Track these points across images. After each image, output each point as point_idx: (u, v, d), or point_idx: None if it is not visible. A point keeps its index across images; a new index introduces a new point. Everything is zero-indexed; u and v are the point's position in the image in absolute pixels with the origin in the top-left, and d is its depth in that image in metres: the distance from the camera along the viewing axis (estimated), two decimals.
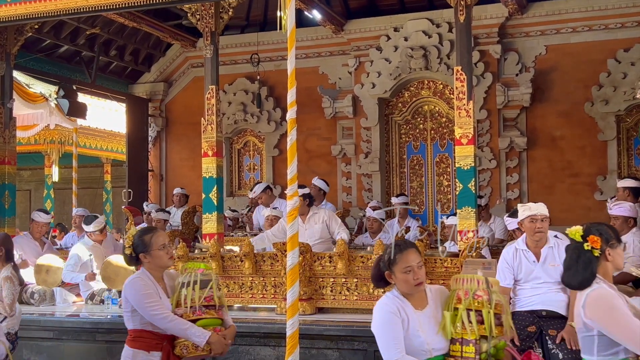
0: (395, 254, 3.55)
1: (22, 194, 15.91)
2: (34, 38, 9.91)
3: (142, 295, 3.94)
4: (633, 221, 6.12)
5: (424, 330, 3.44)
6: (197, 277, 4.06)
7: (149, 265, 4.07)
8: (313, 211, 7.41)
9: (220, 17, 7.77)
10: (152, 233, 4.11)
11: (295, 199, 4.87)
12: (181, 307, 4.00)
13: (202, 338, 3.93)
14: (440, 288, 3.71)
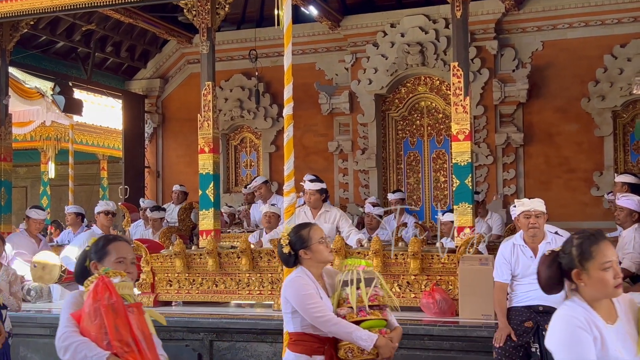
0: (590, 245, 2.74)
1: (18, 190, 15.89)
2: (29, 34, 9.88)
3: (304, 295, 3.70)
4: (637, 215, 6.13)
5: (620, 352, 2.64)
6: (360, 274, 3.77)
7: (309, 262, 3.82)
8: (325, 208, 7.33)
9: (217, 13, 7.75)
10: (309, 227, 3.90)
11: (293, 195, 4.88)
12: (344, 307, 3.74)
13: (369, 342, 3.63)
14: (629, 297, 2.87)
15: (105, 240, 3.37)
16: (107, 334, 2.95)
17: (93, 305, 2.99)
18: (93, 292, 3.00)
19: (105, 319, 2.96)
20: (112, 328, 2.95)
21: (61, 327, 3.06)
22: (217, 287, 6.94)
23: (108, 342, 2.94)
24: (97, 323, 2.97)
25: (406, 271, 6.30)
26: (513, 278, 5.17)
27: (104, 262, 3.26)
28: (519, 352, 4.95)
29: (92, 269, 3.29)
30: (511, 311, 5.10)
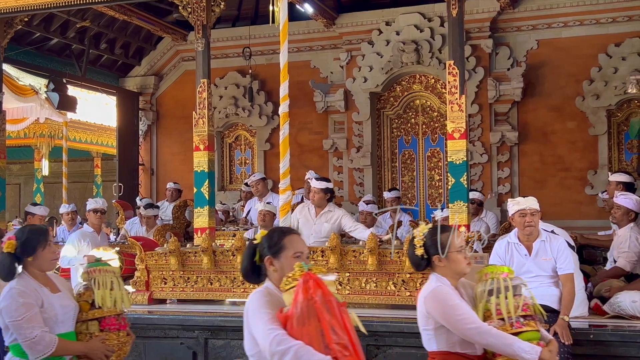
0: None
1: (11, 188, 15.81)
2: (23, 31, 9.84)
3: (451, 306, 3.32)
4: (634, 215, 6.14)
5: None
6: (507, 282, 3.44)
7: (445, 270, 3.47)
8: (329, 208, 7.29)
9: (212, 10, 7.73)
10: (448, 232, 3.49)
11: (288, 193, 4.87)
12: (492, 320, 3.37)
13: (533, 354, 3.24)
14: None
15: (280, 234, 3.10)
16: (324, 336, 2.67)
17: (305, 305, 2.70)
18: (303, 290, 2.71)
19: (321, 320, 2.68)
20: (328, 329, 2.66)
21: (266, 329, 2.77)
22: (212, 285, 6.92)
23: (325, 345, 2.66)
24: (311, 324, 2.68)
25: (401, 269, 6.29)
26: None
27: (280, 257, 3.01)
28: None
29: (266, 264, 3.03)
30: None
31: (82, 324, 3.83)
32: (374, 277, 6.39)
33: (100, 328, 3.84)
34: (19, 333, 3.60)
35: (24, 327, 3.57)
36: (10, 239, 3.74)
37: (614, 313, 5.57)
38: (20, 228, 3.94)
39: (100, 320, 3.84)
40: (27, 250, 3.71)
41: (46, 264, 3.78)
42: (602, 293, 5.81)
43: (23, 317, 3.58)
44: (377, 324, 5.81)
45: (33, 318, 3.59)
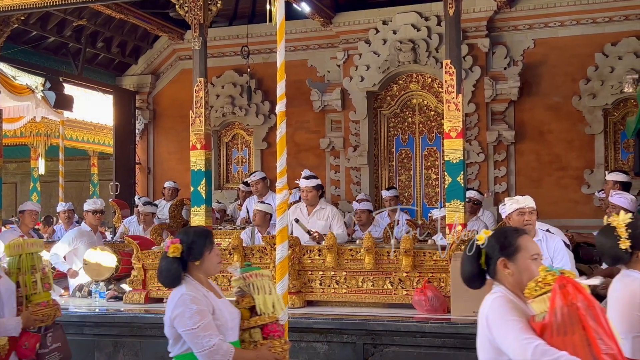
0: None
1: (7, 187, 15.80)
2: (20, 29, 9.81)
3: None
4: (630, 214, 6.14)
5: None
6: None
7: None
8: (321, 205, 7.35)
9: (209, 9, 7.72)
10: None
11: (285, 192, 4.87)
12: None
13: None
14: None
15: (514, 234, 2.87)
16: (591, 346, 2.44)
17: (566, 312, 2.47)
18: (561, 295, 2.49)
19: (586, 328, 2.46)
20: (595, 339, 2.44)
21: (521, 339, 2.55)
22: None
23: (594, 356, 2.45)
24: (575, 333, 2.45)
25: (398, 268, 6.30)
26: None
27: (516, 259, 2.78)
28: None
29: (499, 267, 2.80)
30: None
31: (245, 332, 3.66)
32: (371, 276, 6.40)
33: (263, 335, 3.68)
34: (195, 342, 3.41)
35: (200, 336, 3.39)
36: (175, 242, 3.55)
37: None
38: (184, 230, 3.73)
39: (262, 327, 3.68)
40: (193, 253, 3.55)
41: (213, 267, 3.64)
42: (598, 291, 5.82)
43: (198, 325, 3.39)
44: (374, 322, 5.82)
45: (208, 326, 3.42)
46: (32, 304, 4.48)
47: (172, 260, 3.53)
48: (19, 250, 4.54)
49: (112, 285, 7.55)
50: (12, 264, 4.55)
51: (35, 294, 4.54)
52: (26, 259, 4.54)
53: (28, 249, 4.57)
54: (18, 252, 4.55)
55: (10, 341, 4.24)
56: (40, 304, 4.52)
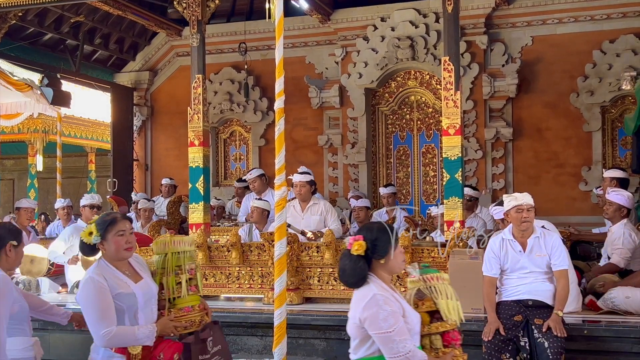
0: None
1: (5, 183, 15.81)
2: (17, 26, 9.82)
3: None
4: (626, 211, 6.15)
5: None
6: None
7: None
8: (314, 201, 7.38)
9: (207, 5, 7.72)
10: None
11: (284, 188, 4.86)
12: None
13: None
14: None
15: None
16: None
17: None
18: None
19: None
20: None
21: None
22: (206, 280, 6.92)
23: None
24: None
25: None
26: (502, 272, 5.20)
27: None
28: (508, 346, 4.97)
29: None
30: (500, 305, 5.13)
31: (425, 338, 3.42)
32: None
33: (444, 343, 3.45)
34: (388, 347, 3.19)
35: (395, 340, 3.17)
36: (357, 239, 3.34)
37: (607, 309, 5.60)
38: (367, 226, 3.48)
39: (443, 334, 3.45)
40: (378, 251, 3.33)
41: (397, 266, 3.41)
42: (596, 289, 5.84)
43: (394, 329, 3.18)
44: None
45: (402, 329, 3.21)
46: (175, 309, 3.95)
47: (357, 258, 3.32)
48: (165, 248, 4.02)
49: None
50: (157, 264, 4.04)
51: (179, 297, 3.96)
52: (171, 258, 3.99)
53: (174, 248, 4.02)
54: (164, 251, 4.02)
55: (144, 350, 3.72)
56: (184, 309, 3.95)
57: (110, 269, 3.73)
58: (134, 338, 3.66)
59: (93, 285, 3.63)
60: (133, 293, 3.72)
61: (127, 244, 3.76)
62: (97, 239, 3.74)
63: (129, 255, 3.81)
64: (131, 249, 3.80)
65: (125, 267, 3.81)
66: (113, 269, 3.74)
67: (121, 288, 3.68)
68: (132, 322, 3.72)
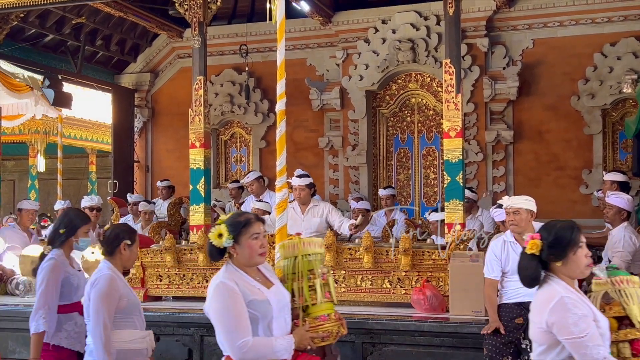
0: None
1: (5, 184, 15.75)
2: (19, 27, 9.82)
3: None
4: (626, 214, 6.15)
5: None
6: None
7: None
8: (314, 203, 7.38)
9: (208, 7, 7.73)
10: None
11: (285, 190, 4.87)
12: None
13: None
14: None
15: None
16: None
17: None
18: None
19: None
20: None
21: None
22: (207, 282, 6.91)
23: None
24: None
25: (397, 267, 6.30)
26: (503, 275, 5.19)
27: None
28: (509, 348, 4.97)
29: None
30: (502, 308, 5.12)
31: (612, 345, 3.17)
32: (370, 275, 6.40)
33: (632, 352, 3.20)
34: (582, 353, 2.95)
35: (589, 347, 2.94)
36: (535, 237, 3.11)
37: None
38: (546, 226, 3.19)
39: (632, 342, 3.21)
40: (554, 252, 3.08)
41: (579, 271, 3.13)
42: None
43: (586, 334, 2.94)
44: (373, 321, 5.83)
45: (595, 335, 2.97)
46: (309, 318, 3.54)
47: (530, 257, 3.12)
48: (294, 251, 3.66)
49: None
50: (287, 268, 3.66)
51: (314, 305, 3.56)
52: (302, 261, 3.61)
53: (305, 250, 3.65)
54: (293, 254, 3.65)
55: None
56: (320, 318, 3.55)
57: (240, 274, 3.37)
58: (272, 351, 3.29)
59: (226, 290, 3.26)
60: (267, 300, 3.34)
61: (261, 248, 3.39)
62: (229, 242, 3.34)
63: (262, 260, 3.45)
64: (265, 254, 3.44)
65: (255, 273, 3.45)
66: (243, 274, 3.38)
67: (254, 295, 3.31)
68: (265, 333, 3.33)
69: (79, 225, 4.64)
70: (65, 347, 4.51)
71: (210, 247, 3.42)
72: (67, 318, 4.54)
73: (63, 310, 4.53)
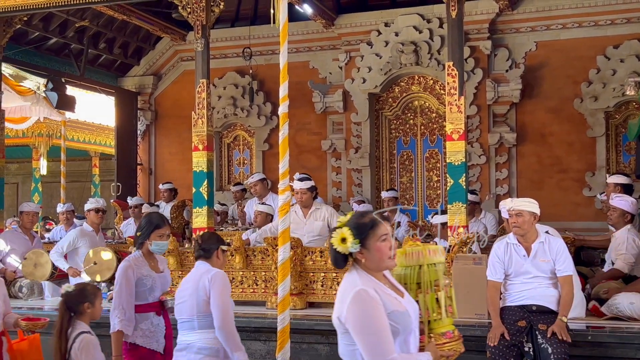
0: None
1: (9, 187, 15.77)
2: (22, 30, 9.83)
3: None
4: (630, 216, 6.15)
5: None
6: None
7: None
8: (316, 206, 7.36)
9: (211, 10, 7.73)
10: None
11: (287, 193, 4.86)
12: None
13: None
14: None
15: None
16: None
17: None
18: None
19: None
20: None
21: None
22: None
23: None
24: None
25: None
26: (506, 277, 5.18)
27: None
28: (513, 351, 4.96)
29: None
30: (505, 310, 5.11)
31: None
32: None
33: None
34: None
35: None
36: None
37: (611, 315, 5.59)
38: None
39: None
40: None
41: None
42: (600, 295, 5.83)
43: None
44: None
45: None
46: (435, 334, 3.19)
47: None
48: (419, 259, 3.27)
49: (113, 286, 7.55)
50: (410, 278, 3.27)
51: (439, 320, 3.22)
52: (428, 271, 3.25)
53: (430, 258, 3.27)
54: (418, 262, 3.26)
55: None
56: (446, 335, 3.21)
57: (375, 282, 2.99)
58: None
59: (370, 300, 2.88)
60: (407, 311, 2.99)
61: (391, 250, 3.03)
62: (355, 246, 2.97)
63: (393, 264, 3.08)
64: (395, 256, 3.09)
65: (384, 280, 3.07)
66: (378, 282, 3.00)
67: (394, 305, 2.95)
68: (402, 349, 2.98)
69: (151, 229, 4.77)
70: (141, 345, 4.63)
71: (334, 253, 3.05)
72: (143, 317, 4.66)
73: (138, 310, 4.65)
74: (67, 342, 4.22)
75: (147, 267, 4.76)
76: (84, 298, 4.34)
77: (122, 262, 4.78)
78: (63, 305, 4.31)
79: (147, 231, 4.78)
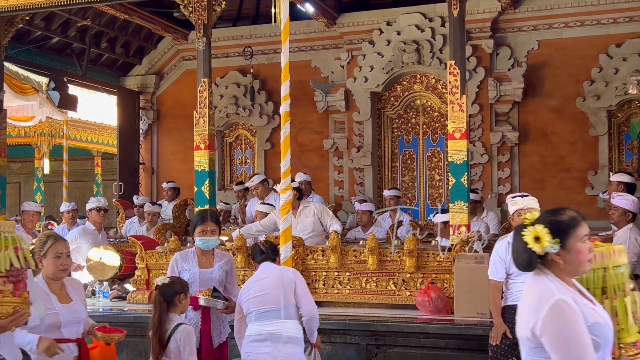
0: None
1: (11, 186, 15.81)
2: (24, 29, 9.84)
3: None
4: (632, 215, 6.13)
5: None
6: None
7: None
8: (303, 205, 7.39)
9: (213, 9, 7.74)
10: None
11: (289, 192, 4.87)
12: None
13: None
14: None
15: None
16: None
17: None
18: None
19: None
20: None
21: None
22: None
23: None
24: None
25: (402, 269, 6.30)
26: (508, 276, 5.17)
27: None
28: (515, 350, 4.94)
29: None
30: (506, 310, 5.10)
31: None
32: (374, 277, 6.40)
33: None
34: None
35: None
36: None
37: None
38: None
39: None
40: None
41: None
42: None
43: None
44: (377, 323, 5.83)
45: None
46: (624, 344, 2.86)
47: None
48: (603, 260, 2.93)
49: (115, 284, 7.56)
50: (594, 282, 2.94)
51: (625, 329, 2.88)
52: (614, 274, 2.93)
53: (615, 260, 2.94)
54: (602, 264, 2.93)
55: None
56: (636, 344, 2.88)
57: (569, 289, 2.67)
58: None
59: (570, 312, 2.56)
60: (606, 322, 2.68)
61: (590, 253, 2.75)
62: (555, 247, 2.66)
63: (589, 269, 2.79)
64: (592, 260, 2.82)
65: (574, 287, 2.76)
66: (571, 289, 2.70)
67: (593, 317, 2.62)
68: None
69: (194, 226, 4.92)
70: None
71: (529, 253, 2.71)
72: None
73: None
74: (166, 332, 4.25)
75: (192, 262, 4.87)
76: (180, 289, 4.40)
77: None
78: (160, 296, 4.34)
79: (192, 228, 4.94)
